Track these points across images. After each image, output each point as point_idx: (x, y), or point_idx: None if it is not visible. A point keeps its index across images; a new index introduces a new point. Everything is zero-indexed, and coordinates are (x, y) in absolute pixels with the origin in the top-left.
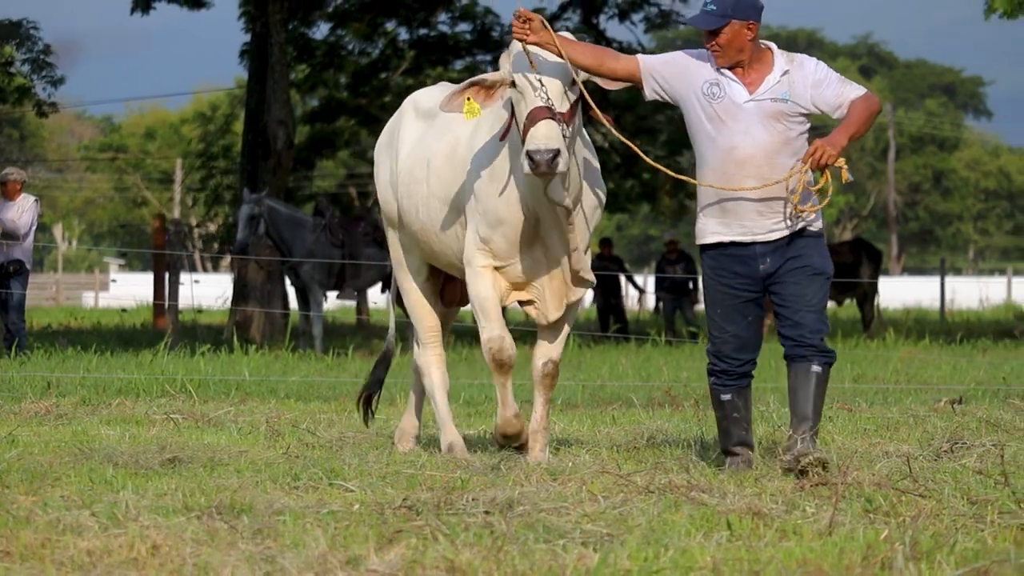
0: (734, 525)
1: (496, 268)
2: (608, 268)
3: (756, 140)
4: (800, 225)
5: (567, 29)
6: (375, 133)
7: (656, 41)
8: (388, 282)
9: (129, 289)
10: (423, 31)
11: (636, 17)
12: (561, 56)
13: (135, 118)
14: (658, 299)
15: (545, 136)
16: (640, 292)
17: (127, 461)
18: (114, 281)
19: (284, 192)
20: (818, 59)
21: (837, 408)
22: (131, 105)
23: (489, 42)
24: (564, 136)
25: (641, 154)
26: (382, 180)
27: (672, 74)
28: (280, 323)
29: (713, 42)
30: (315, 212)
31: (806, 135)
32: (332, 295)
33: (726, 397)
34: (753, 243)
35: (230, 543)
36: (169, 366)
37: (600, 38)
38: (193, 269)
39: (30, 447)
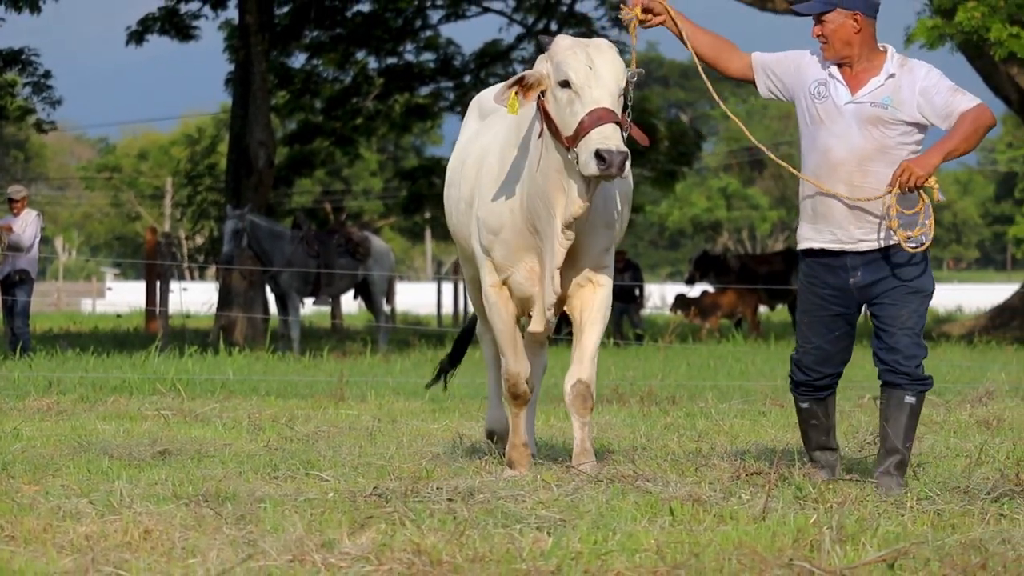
0: (676, 511)
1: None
2: None
3: (850, 144)
4: (892, 240)
5: (521, 60)
6: (348, 153)
7: None
8: (360, 289)
9: (124, 296)
10: (391, 60)
11: None
12: (683, 41)
13: (129, 140)
14: None
15: (615, 137)
16: None
17: (121, 453)
18: (110, 289)
19: (265, 207)
20: (931, 66)
21: (770, 404)
22: (125, 128)
23: (451, 70)
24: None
25: (766, 151)
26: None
27: (785, 72)
28: (261, 327)
29: (819, 31)
30: (293, 225)
31: (913, 145)
32: (308, 301)
33: (804, 405)
34: (843, 252)
35: (215, 528)
36: (160, 366)
37: None
38: (182, 278)
39: (33, 441)
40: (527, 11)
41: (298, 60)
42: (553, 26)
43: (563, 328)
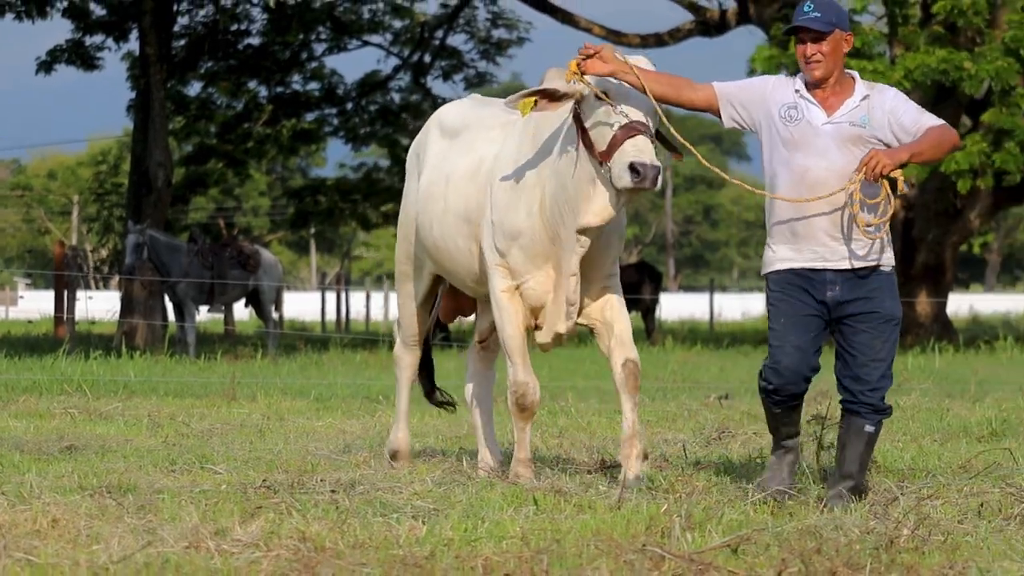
0: (540, 501)
1: (516, 287)
2: None
3: (831, 163)
4: (873, 261)
5: (399, 89)
6: (240, 174)
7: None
8: (250, 297)
9: (34, 304)
10: (279, 89)
11: (457, 78)
12: (642, 89)
13: (39, 161)
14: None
15: (650, 150)
16: None
17: (31, 448)
18: (22, 298)
19: (163, 223)
20: (897, 90)
21: None
22: (35, 151)
23: (334, 98)
24: None
25: (719, 172)
26: (405, 192)
27: (749, 99)
28: (160, 332)
29: (816, 50)
30: (189, 239)
31: None
32: (203, 309)
33: (777, 411)
34: (824, 269)
35: (118, 517)
36: (67, 368)
37: (427, 95)
38: (88, 287)
39: None
40: (403, 44)
41: (194, 88)
42: (427, 59)
43: (436, 334)
